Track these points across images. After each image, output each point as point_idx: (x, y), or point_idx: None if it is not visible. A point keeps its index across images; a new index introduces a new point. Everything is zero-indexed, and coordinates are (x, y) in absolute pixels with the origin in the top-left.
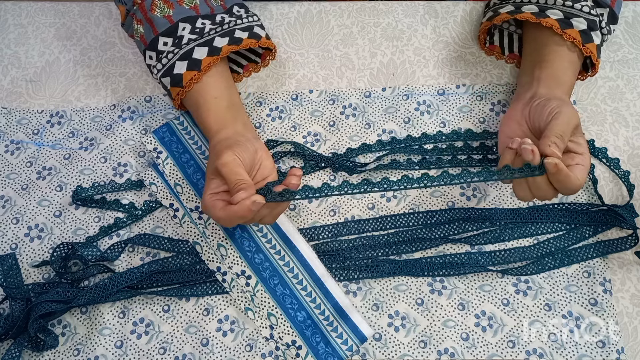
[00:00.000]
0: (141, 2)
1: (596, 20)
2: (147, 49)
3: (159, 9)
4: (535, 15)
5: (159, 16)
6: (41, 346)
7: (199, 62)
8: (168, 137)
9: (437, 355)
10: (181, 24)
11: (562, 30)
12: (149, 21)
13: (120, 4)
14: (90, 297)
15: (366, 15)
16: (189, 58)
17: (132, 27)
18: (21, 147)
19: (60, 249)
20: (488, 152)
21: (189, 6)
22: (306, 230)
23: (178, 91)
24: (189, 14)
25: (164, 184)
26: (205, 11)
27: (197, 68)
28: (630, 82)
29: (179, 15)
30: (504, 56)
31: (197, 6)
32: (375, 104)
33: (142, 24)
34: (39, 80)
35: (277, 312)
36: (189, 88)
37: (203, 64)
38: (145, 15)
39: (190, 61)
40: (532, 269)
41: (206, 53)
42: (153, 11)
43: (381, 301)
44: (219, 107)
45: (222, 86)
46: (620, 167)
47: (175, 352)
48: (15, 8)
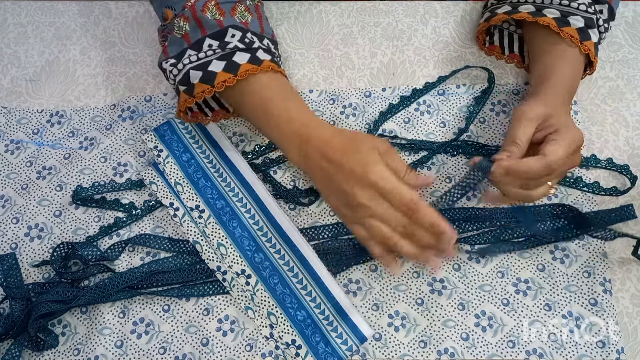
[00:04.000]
0: (192, 4)
1: (593, 18)
2: (189, 47)
3: (210, 12)
4: (532, 14)
5: (209, 18)
6: (41, 346)
7: (237, 66)
8: (169, 136)
9: (437, 355)
10: (231, 30)
11: (560, 28)
12: (197, 20)
13: (168, 8)
14: (90, 297)
15: (366, 15)
16: (228, 60)
17: (176, 25)
18: (21, 147)
19: (60, 249)
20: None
21: (240, 20)
22: (306, 230)
23: (206, 88)
24: (239, 25)
25: (164, 183)
26: (255, 29)
27: (234, 72)
28: (630, 82)
29: (229, 23)
30: (504, 56)
31: (248, 22)
32: (375, 104)
33: (188, 22)
34: (38, 80)
35: (277, 312)
36: (220, 89)
37: (241, 69)
38: (194, 14)
39: (229, 63)
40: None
41: (247, 60)
42: (204, 12)
43: (381, 301)
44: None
45: (291, 90)
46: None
47: (175, 352)
48: (14, 7)
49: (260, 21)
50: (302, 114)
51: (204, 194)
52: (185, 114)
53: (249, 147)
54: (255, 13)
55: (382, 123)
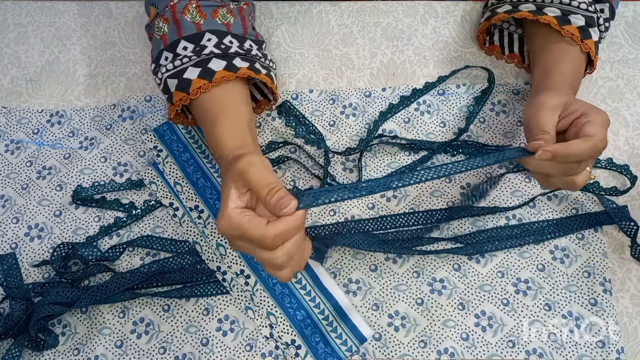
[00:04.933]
0: (173, 4)
1: (594, 16)
2: (165, 49)
3: (190, 15)
4: (533, 13)
5: (188, 20)
6: (41, 346)
7: (212, 73)
8: (168, 136)
9: (437, 355)
10: (208, 34)
11: (560, 26)
12: (175, 22)
13: (152, 7)
14: (91, 299)
15: (366, 15)
16: (203, 66)
17: (155, 26)
18: (21, 147)
19: (60, 249)
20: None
21: (222, 22)
22: (306, 229)
23: (182, 96)
24: (219, 28)
25: (164, 183)
26: (238, 31)
27: (209, 78)
28: (630, 82)
29: (208, 27)
30: (504, 56)
31: (230, 24)
32: (375, 104)
33: (167, 24)
34: (39, 80)
35: (276, 311)
36: (194, 96)
37: (216, 76)
38: (174, 16)
39: (204, 70)
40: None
41: (223, 67)
42: (184, 14)
43: (381, 301)
44: (241, 122)
45: (244, 101)
46: (615, 164)
47: (175, 352)
48: (15, 7)
49: (243, 22)
50: (230, 142)
51: (203, 194)
52: (181, 118)
53: None
54: (239, 15)
55: (382, 123)
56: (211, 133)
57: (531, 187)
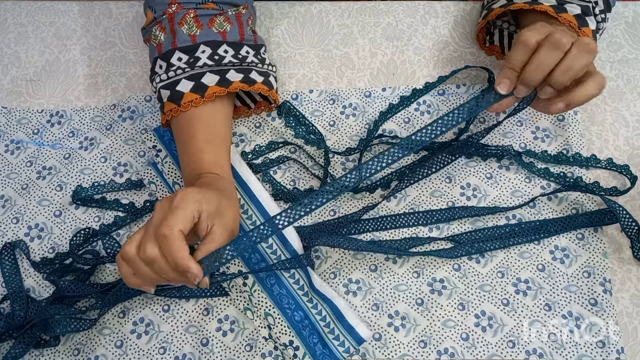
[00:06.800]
0: (172, 13)
1: (589, 6)
2: (159, 57)
3: (187, 25)
4: (528, 4)
5: (184, 32)
6: (41, 344)
7: (205, 88)
8: (168, 136)
9: (437, 355)
10: (202, 46)
11: (557, 14)
12: (172, 32)
13: (150, 10)
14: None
15: (366, 15)
16: (196, 80)
17: (152, 33)
18: (21, 147)
19: (80, 235)
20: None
21: (218, 30)
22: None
23: (173, 107)
24: (214, 37)
25: (163, 183)
26: (234, 38)
27: (201, 93)
28: (630, 82)
29: (203, 38)
30: (504, 56)
31: (226, 32)
32: (375, 104)
33: (164, 32)
34: (39, 80)
35: (274, 312)
36: (185, 109)
37: (208, 91)
38: (172, 26)
39: (197, 84)
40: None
41: (216, 82)
42: (181, 25)
43: (381, 301)
44: (215, 142)
45: (223, 120)
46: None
47: (175, 352)
48: (15, 7)
49: (240, 28)
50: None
51: None
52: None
53: (248, 147)
54: (236, 21)
55: (382, 123)
56: (190, 144)
57: (531, 187)
